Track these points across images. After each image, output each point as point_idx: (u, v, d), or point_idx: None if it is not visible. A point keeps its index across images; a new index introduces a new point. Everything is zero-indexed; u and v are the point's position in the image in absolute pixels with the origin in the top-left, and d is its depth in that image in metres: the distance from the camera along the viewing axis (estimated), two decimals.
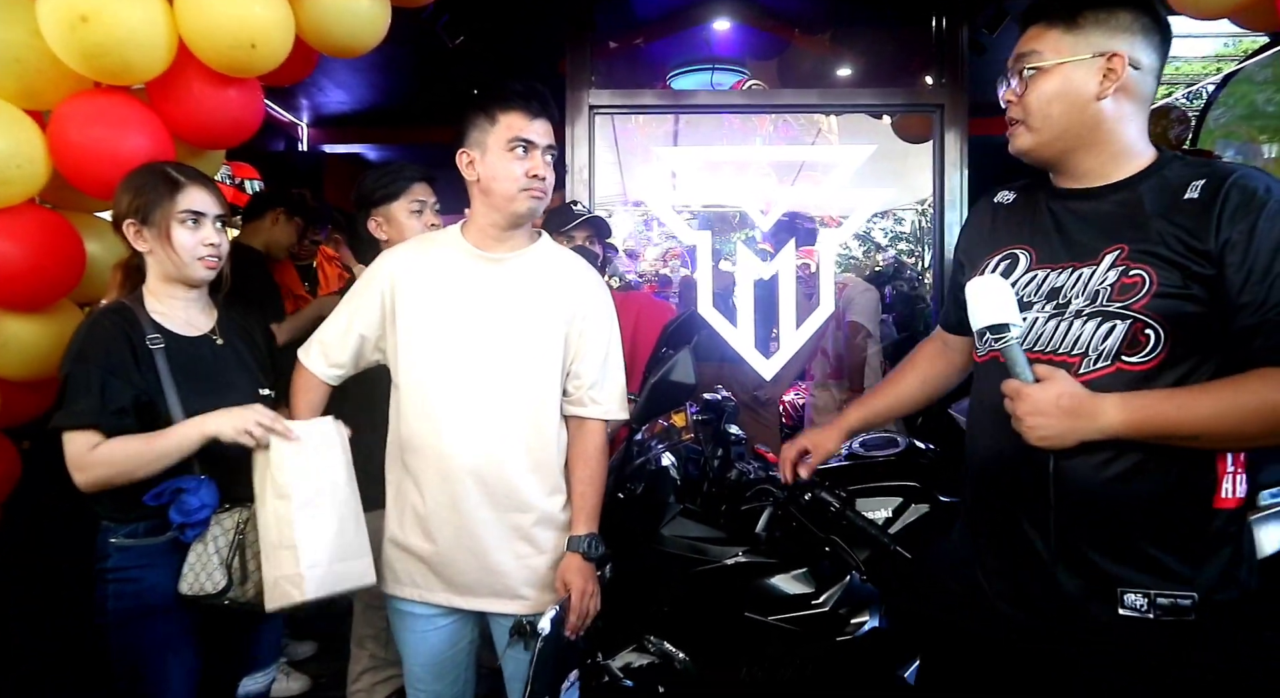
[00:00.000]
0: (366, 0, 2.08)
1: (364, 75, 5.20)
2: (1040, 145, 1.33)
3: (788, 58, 4.74)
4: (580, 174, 3.53)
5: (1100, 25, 1.26)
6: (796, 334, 3.40)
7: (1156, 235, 1.22)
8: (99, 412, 1.58)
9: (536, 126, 1.61)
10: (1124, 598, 1.23)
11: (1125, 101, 1.28)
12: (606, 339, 1.73)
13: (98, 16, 1.77)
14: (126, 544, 1.64)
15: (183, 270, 1.70)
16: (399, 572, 1.71)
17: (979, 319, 1.28)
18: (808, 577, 1.94)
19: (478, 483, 1.63)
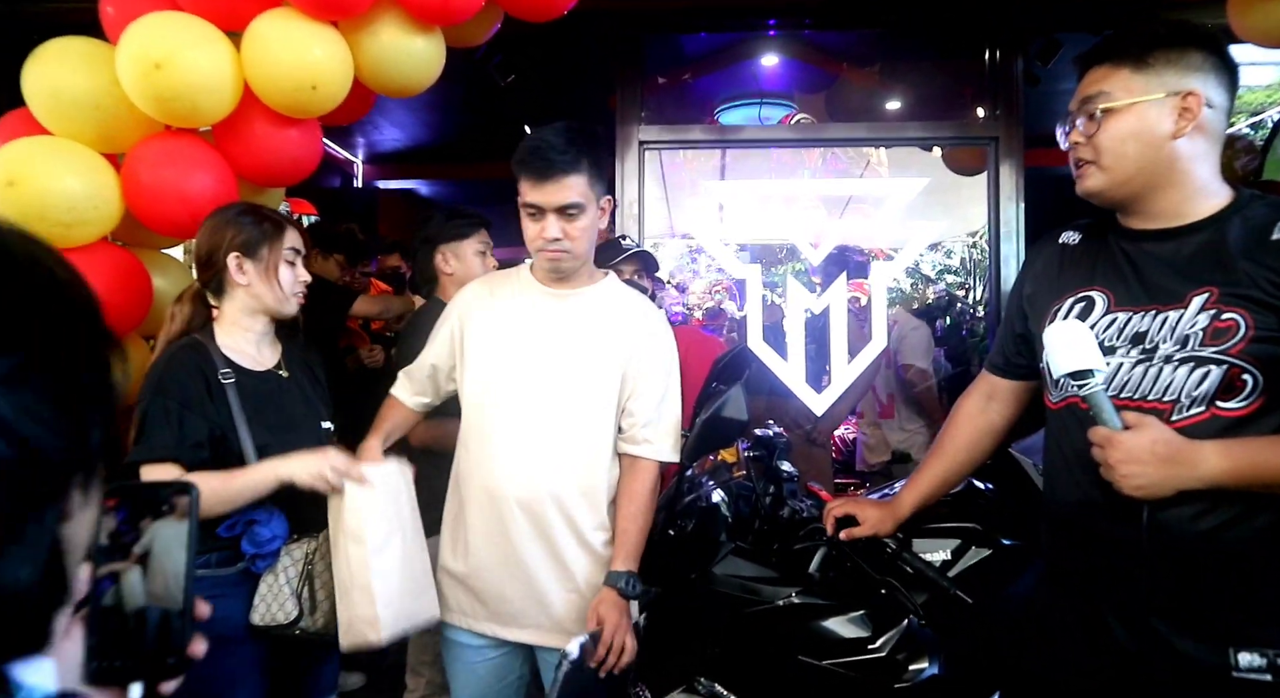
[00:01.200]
0: (422, 42, 2.14)
1: (418, 114, 5.34)
2: (1113, 186, 1.30)
3: (836, 91, 4.74)
4: (630, 209, 3.56)
5: (1172, 64, 1.24)
6: (849, 369, 3.35)
7: (1247, 278, 1.18)
8: (178, 445, 1.61)
9: (545, 189, 1.55)
10: (1239, 658, 1.16)
11: (1200, 140, 1.26)
12: (664, 379, 1.70)
13: (170, 63, 1.85)
14: (199, 575, 1.63)
15: (281, 305, 1.77)
16: (449, 599, 1.72)
17: (1062, 366, 1.24)
18: (864, 620, 1.88)
19: (525, 513, 1.63)
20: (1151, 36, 1.26)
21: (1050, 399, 1.41)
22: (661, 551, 1.98)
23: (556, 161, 1.54)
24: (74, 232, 1.97)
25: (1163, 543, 1.21)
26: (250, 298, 1.76)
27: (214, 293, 1.77)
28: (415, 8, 2.05)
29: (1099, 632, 1.30)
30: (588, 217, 1.61)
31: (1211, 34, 1.27)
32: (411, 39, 2.11)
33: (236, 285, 1.74)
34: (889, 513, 1.72)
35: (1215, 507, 1.18)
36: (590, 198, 1.60)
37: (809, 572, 1.92)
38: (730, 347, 3.38)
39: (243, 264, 1.73)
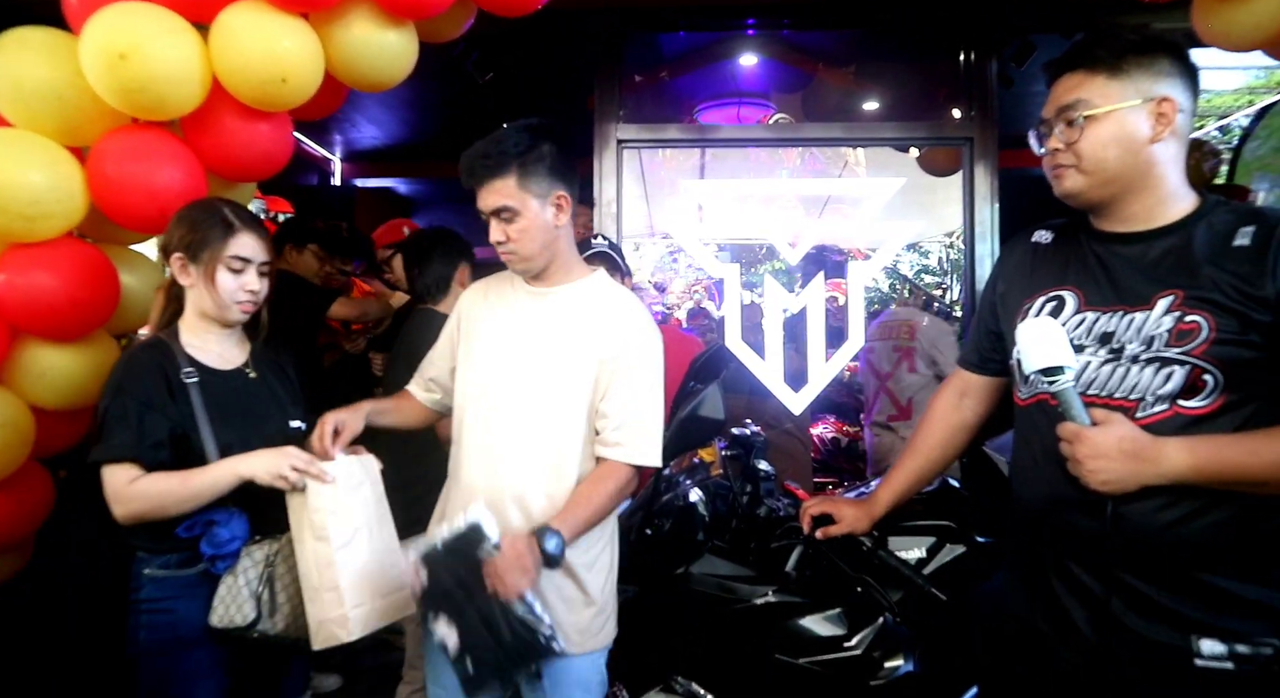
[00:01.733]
0: (394, 36, 2.11)
1: (396, 111, 5.29)
2: (1092, 188, 1.32)
3: (813, 91, 4.76)
4: (608, 208, 3.54)
5: (1145, 70, 1.27)
6: (826, 368, 3.35)
7: (1210, 282, 1.22)
8: (137, 445, 1.61)
9: (481, 196, 1.61)
10: (1200, 646, 1.19)
11: (1173, 144, 1.30)
12: (640, 381, 1.64)
13: (136, 54, 1.81)
14: (160, 575, 1.66)
15: (220, 311, 1.73)
16: None
17: (1034, 362, 1.26)
18: (839, 618, 1.88)
19: (491, 512, 1.60)
20: (1123, 43, 1.29)
21: (1019, 396, 1.43)
22: (639, 550, 1.97)
23: (478, 168, 1.59)
24: (37, 225, 1.92)
25: (1126, 536, 1.23)
26: (195, 300, 1.74)
27: (179, 289, 1.77)
28: (387, 1, 2.03)
29: (1065, 625, 1.32)
30: (526, 217, 1.60)
31: (1176, 41, 1.30)
32: (383, 32, 2.08)
33: (185, 286, 1.73)
34: (865, 511, 1.73)
35: (1177, 501, 1.21)
36: (525, 199, 1.59)
37: (786, 570, 1.92)
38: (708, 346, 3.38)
39: (186, 266, 1.71)
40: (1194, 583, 1.21)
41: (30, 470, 2.15)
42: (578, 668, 1.63)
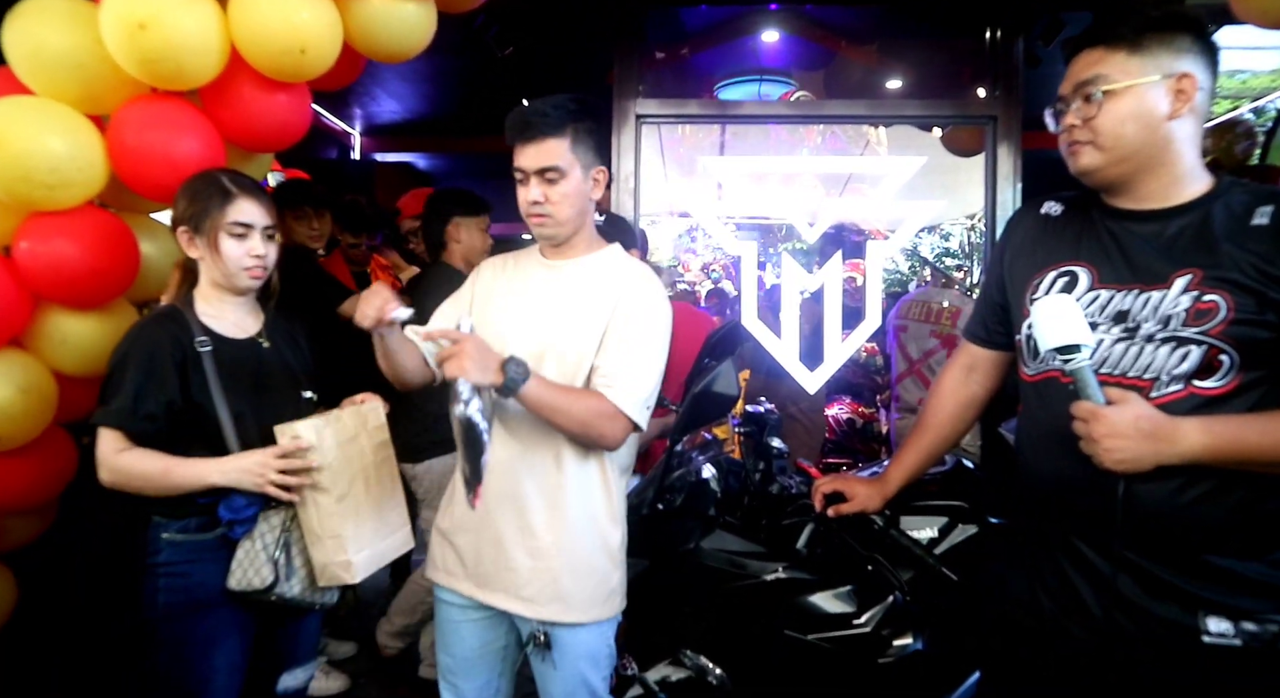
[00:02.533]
0: (412, 6, 2.10)
1: (415, 85, 5.28)
2: (1109, 164, 1.30)
3: (835, 69, 4.69)
4: (626, 184, 3.52)
5: (1165, 47, 1.26)
6: (842, 348, 3.33)
7: (1229, 261, 1.21)
8: (128, 414, 1.64)
9: (527, 152, 1.59)
10: (1207, 623, 1.20)
11: (1190, 121, 1.28)
12: (635, 337, 1.61)
13: (155, 23, 1.81)
14: (178, 540, 1.69)
15: (229, 279, 1.75)
16: (436, 558, 1.74)
17: (1049, 340, 1.24)
18: (849, 596, 1.89)
19: (502, 477, 1.62)
20: (1144, 20, 1.28)
21: (1026, 372, 1.42)
22: (651, 524, 1.98)
23: (537, 124, 1.58)
24: (58, 193, 1.94)
25: (1137, 516, 1.23)
26: (205, 271, 1.77)
27: (194, 262, 1.79)
28: None
29: (1072, 604, 1.31)
30: (570, 182, 1.61)
31: (1198, 18, 1.28)
32: (401, 3, 2.07)
33: (194, 258, 1.77)
34: (877, 490, 1.72)
35: (1192, 482, 1.21)
36: (573, 164, 1.61)
37: (796, 547, 1.92)
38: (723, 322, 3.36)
39: (192, 238, 1.74)
40: (1201, 563, 1.21)
41: (54, 435, 2.19)
42: (585, 640, 1.64)
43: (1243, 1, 2.21)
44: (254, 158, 2.32)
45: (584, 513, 1.64)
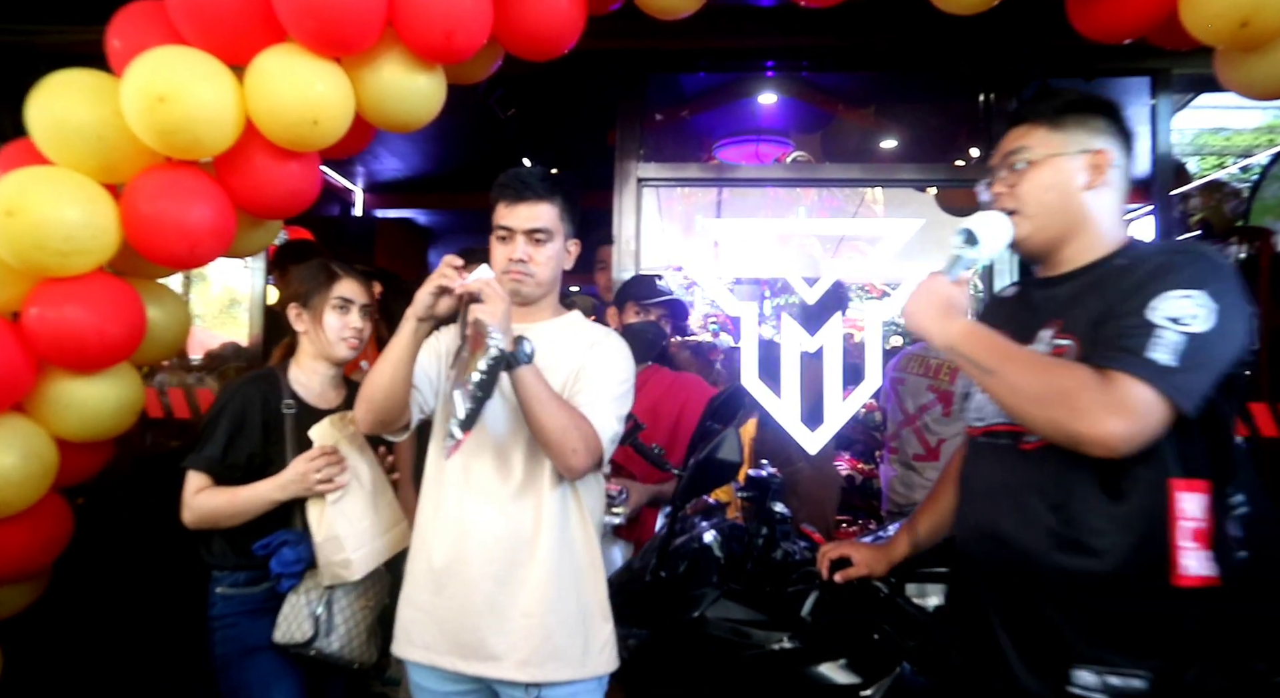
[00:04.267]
0: (424, 79, 2.16)
1: (418, 144, 5.38)
2: (1035, 232, 1.41)
3: (833, 131, 4.80)
4: (627, 245, 3.57)
5: (1082, 126, 1.39)
6: (843, 407, 3.34)
7: (1085, 310, 1.31)
8: (216, 461, 1.87)
9: (517, 212, 1.66)
10: (1075, 675, 1.25)
11: (1105, 194, 1.39)
12: (605, 383, 1.64)
13: (175, 97, 1.87)
14: (230, 593, 1.88)
15: (328, 349, 1.98)
16: (410, 631, 1.67)
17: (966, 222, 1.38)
18: (856, 666, 1.86)
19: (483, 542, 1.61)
20: (1064, 101, 1.41)
21: (971, 428, 1.52)
22: (653, 593, 1.96)
23: (533, 186, 1.66)
24: (71, 261, 1.97)
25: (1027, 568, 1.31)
26: (309, 343, 2.00)
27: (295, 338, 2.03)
28: (418, 46, 2.08)
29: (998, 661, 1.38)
30: (554, 246, 1.70)
31: (1112, 103, 1.42)
32: (413, 76, 2.13)
33: (299, 333, 2.00)
34: (883, 555, 1.72)
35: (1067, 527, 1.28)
36: (558, 230, 1.70)
37: (801, 615, 1.90)
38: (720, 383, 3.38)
39: (300, 313, 1.99)
40: (1083, 618, 1.26)
41: (50, 501, 2.18)
42: None
43: (1228, 74, 2.29)
44: (264, 224, 2.36)
45: (569, 567, 1.63)
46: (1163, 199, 3.54)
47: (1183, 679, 1.21)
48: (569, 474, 1.61)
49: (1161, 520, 1.23)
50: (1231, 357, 1.22)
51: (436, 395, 1.74)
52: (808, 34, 3.34)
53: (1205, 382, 1.19)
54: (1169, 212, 3.62)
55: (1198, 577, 1.22)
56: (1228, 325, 1.19)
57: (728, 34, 3.34)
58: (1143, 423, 1.17)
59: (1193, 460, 1.24)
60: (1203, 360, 1.18)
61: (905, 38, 3.37)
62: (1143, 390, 1.17)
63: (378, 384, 1.61)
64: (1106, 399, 1.17)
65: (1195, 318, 1.18)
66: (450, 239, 7.33)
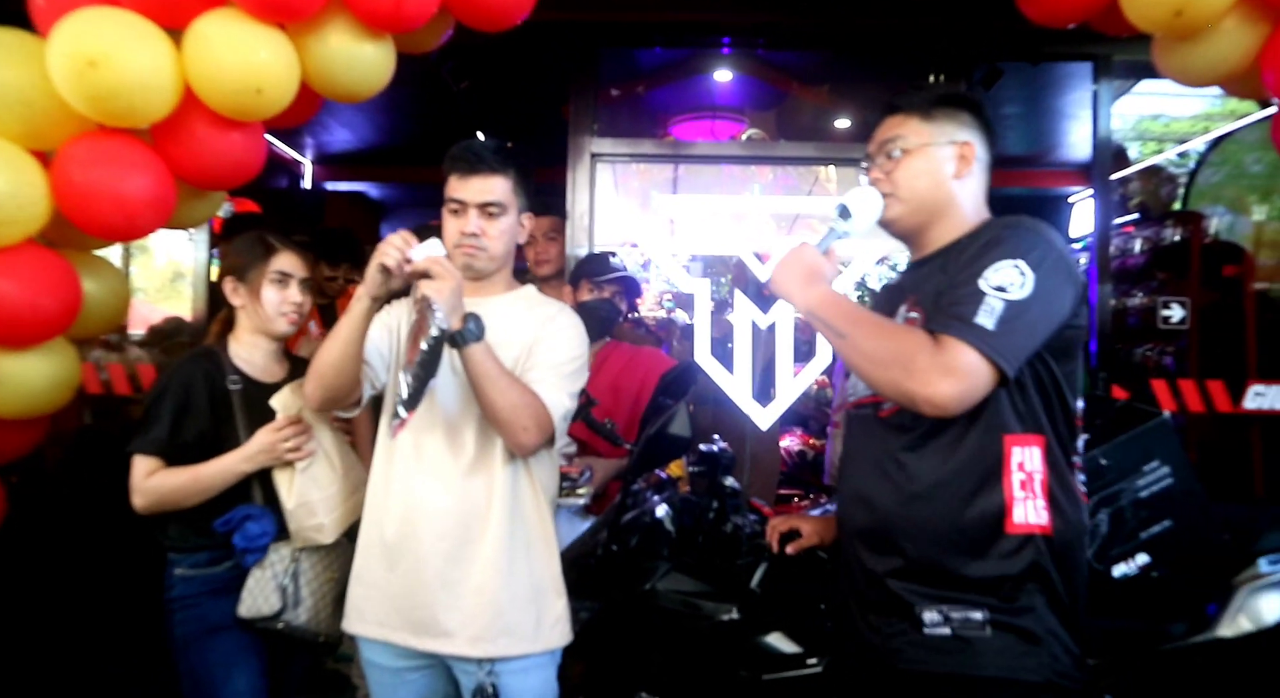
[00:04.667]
0: (371, 48, 2.10)
1: (368, 115, 5.26)
2: (905, 215, 1.48)
3: (787, 108, 4.82)
4: (580, 221, 3.56)
5: (951, 119, 1.47)
6: (794, 383, 3.39)
7: (933, 284, 1.39)
8: (167, 443, 1.81)
9: (470, 185, 1.64)
10: (923, 616, 1.35)
11: (970, 183, 1.48)
12: (558, 357, 1.65)
13: (106, 61, 1.79)
14: (190, 575, 1.84)
15: (267, 324, 1.92)
16: (362, 607, 1.67)
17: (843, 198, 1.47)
18: (802, 635, 1.91)
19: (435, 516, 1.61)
20: (937, 96, 1.50)
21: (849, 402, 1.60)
22: (605, 566, 1.98)
23: (486, 159, 1.64)
24: None
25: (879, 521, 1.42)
26: (245, 318, 1.94)
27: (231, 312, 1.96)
28: (365, 13, 2.02)
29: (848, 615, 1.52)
30: (507, 219, 1.68)
31: (978, 99, 1.52)
32: (361, 45, 2.08)
33: (236, 307, 1.93)
34: (830, 526, 1.76)
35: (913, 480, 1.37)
36: (512, 204, 1.68)
37: (750, 587, 1.94)
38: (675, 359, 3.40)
39: (236, 287, 1.91)
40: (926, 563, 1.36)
41: None
42: (534, 683, 1.63)
43: (1165, 61, 2.35)
44: (206, 195, 2.29)
45: (521, 542, 1.63)
46: (1103, 182, 3.65)
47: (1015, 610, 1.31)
48: (520, 451, 1.61)
49: (996, 473, 1.32)
50: (1051, 321, 1.30)
51: (388, 370, 1.72)
52: (763, 11, 3.34)
53: (1023, 344, 1.28)
54: (1109, 194, 3.73)
55: (1027, 525, 1.32)
56: (1044, 292, 1.27)
57: (683, 8, 3.33)
58: (969, 383, 1.25)
59: (1027, 417, 1.33)
60: (1019, 325, 1.26)
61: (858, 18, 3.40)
62: (969, 353, 1.25)
63: (328, 361, 1.59)
64: (938, 362, 1.26)
65: (1015, 285, 1.27)
66: (403, 213, 7.20)
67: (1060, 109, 4.92)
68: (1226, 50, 2.18)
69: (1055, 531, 1.33)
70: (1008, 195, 6.45)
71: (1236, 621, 1.80)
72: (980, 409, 1.31)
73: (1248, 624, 1.79)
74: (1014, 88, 4.42)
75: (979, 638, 1.31)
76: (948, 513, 1.34)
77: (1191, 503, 1.85)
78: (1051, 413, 1.35)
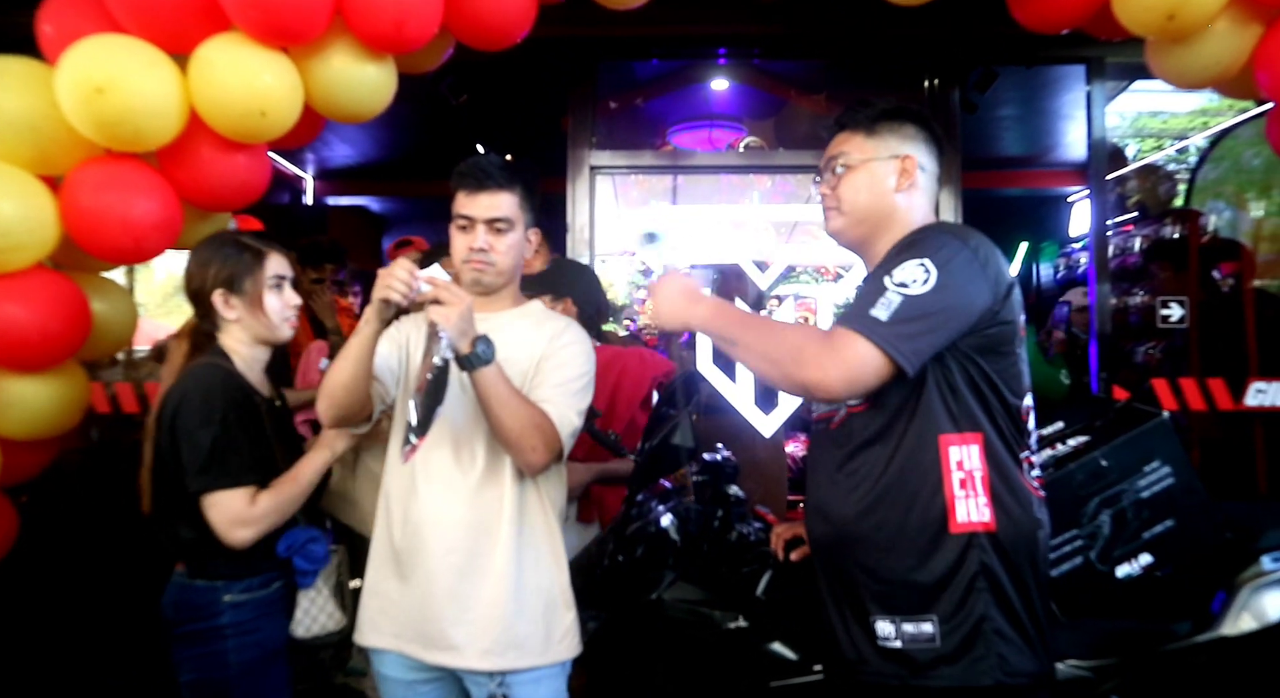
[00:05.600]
0: (373, 70, 2.14)
1: (369, 131, 5.29)
2: (848, 227, 1.54)
3: (785, 117, 4.84)
4: (581, 233, 3.58)
5: (894, 133, 1.52)
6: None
7: None
8: (254, 468, 1.70)
9: (478, 201, 1.65)
10: (876, 627, 1.38)
11: (915, 195, 1.52)
12: (566, 375, 1.67)
13: (114, 87, 1.82)
14: (242, 600, 1.75)
15: (273, 332, 1.81)
16: (376, 618, 1.68)
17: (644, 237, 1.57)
18: (807, 642, 1.92)
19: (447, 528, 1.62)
20: (879, 111, 1.53)
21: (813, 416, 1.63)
22: (610, 577, 1.99)
23: (494, 175, 1.65)
24: (7, 257, 1.92)
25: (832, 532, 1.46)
26: (243, 330, 1.80)
27: (212, 327, 1.80)
28: (367, 36, 2.05)
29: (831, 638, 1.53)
30: (515, 235, 1.69)
31: (923, 113, 1.55)
32: (363, 66, 2.11)
33: (228, 320, 1.78)
34: None
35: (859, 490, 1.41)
36: (519, 219, 1.69)
37: (756, 595, 1.95)
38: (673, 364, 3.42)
39: (229, 299, 1.77)
40: (877, 575, 1.38)
41: None
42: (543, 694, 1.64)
43: (1159, 63, 2.37)
44: (211, 216, 2.32)
45: (531, 556, 1.65)
46: (1098, 182, 3.67)
47: (963, 616, 1.33)
48: (529, 470, 1.62)
49: (936, 474, 1.35)
50: (960, 317, 1.34)
51: (397, 384, 1.73)
52: (758, 22, 3.37)
53: (920, 338, 1.31)
54: (1104, 195, 3.75)
55: (970, 523, 1.34)
56: (949, 289, 1.32)
57: (679, 21, 3.35)
58: (855, 369, 1.31)
59: (962, 417, 1.37)
60: (915, 317, 1.31)
61: (853, 27, 3.42)
62: (858, 342, 1.30)
63: (339, 382, 1.60)
64: (826, 349, 1.32)
65: (917, 281, 1.33)
66: (404, 226, 7.23)
67: (1056, 110, 4.94)
68: (1219, 52, 2.21)
69: (1000, 527, 1.35)
70: (1006, 196, 6.37)
71: (1240, 619, 1.80)
72: (913, 413, 1.37)
73: (1252, 622, 1.79)
74: (1010, 90, 4.44)
75: (929, 650, 1.34)
76: (893, 518, 1.37)
77: (1193, 502, 1.85)
78: (989, 410, 1.38)
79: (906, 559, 1.36)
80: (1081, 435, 1.93)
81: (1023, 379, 1.43)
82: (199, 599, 1.73)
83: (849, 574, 1.43)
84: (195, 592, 1.73)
